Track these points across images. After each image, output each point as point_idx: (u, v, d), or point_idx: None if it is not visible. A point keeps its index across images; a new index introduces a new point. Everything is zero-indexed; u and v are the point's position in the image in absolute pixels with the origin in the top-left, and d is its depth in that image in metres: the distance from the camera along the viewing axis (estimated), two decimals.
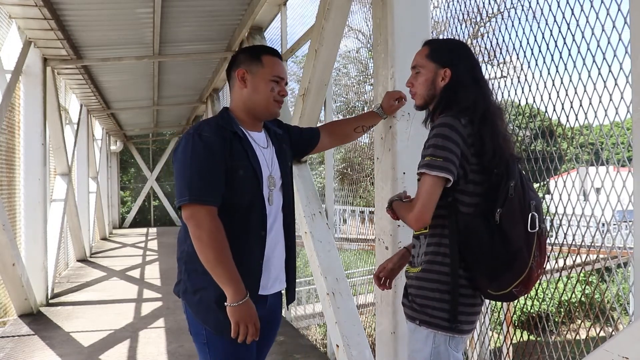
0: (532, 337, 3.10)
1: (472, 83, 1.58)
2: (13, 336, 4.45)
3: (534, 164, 2.37)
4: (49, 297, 5.84)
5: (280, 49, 4.83)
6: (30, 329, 4.67)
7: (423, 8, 2.26)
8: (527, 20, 2.29)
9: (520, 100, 2.38)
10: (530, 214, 1.46)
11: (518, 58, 2.36)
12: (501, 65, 2.47)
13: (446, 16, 2.88)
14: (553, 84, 2.13)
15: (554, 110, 2.14)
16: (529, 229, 1.46)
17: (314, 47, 3.21)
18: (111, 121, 12.08)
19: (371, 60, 8.19)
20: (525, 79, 2.30)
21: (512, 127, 2.69)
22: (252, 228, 1.67)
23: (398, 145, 2.21)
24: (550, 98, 2.15)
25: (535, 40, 2.23)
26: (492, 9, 2.56)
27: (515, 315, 3.90)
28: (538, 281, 1.62)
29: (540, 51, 2.20)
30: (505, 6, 2.46)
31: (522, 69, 2.33)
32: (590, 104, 1.95)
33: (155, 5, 4.68)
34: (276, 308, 1.84)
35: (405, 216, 1.57)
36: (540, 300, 2.71)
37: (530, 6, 2.28)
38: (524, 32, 2.30)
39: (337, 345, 3.13)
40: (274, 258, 1.74)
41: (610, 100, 1.85)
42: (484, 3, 2.57)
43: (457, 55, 1.62)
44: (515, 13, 2.35)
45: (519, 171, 1.53)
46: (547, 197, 2.30)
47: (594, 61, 1.91)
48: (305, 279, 7.62)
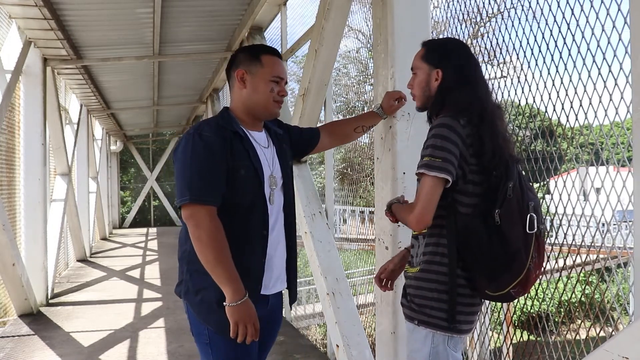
0: (532, 337, 3.10)
1: (463, 83, 1.57)
2: (13, 336, 4.45)
3: (534, 164, 2.36)
4: (49, 297, 5.84)
5: (280, 49, 4.83)
6: (30, 329, 4.67)
7: (423, 8, 2.27)
8: (527, 20, 2.29)
9: (520, 100, 2.38)
10: (529, 215, 1.46)
11: (518, 58, 2.36)
12: (501, 65, 2.47)
13: (446, 16, 2.88)
14: (553, 84, 2.12)
15: (554, 110, 2.14)
16: (527, 230, 1.46)
17: (314, 47, 3.21)
18: (111, 121, 12.08)
19: (371, 60, 8.18)
20: (525, 79, 2.30)
21: (512, 127, 2.68)
22: (253, 228, 1.67)
23: (398, 145, 2.21)
24: (550, 98, 2.15)
25: (535, 40, 2.23)
26: (492, 9, 2.55)
27: (515, 315, 3.89)
28: (536, 282, 1.62)
29: (540, 51, 2.20)
30: (505, 6, 2.46)
31: (522, 69, 2.33)
32: (590, 104, 1.95)
33: (155, 5, 4.68)
34: (277, 308, 1.84)
35: (406, 218, 1.56)
36: (540, 300, 2.70)
37: (530, 6, 2.28)
38: (524, 32, 2.30)
39: (337, 345, 3.13)
40: (276, 258, 1.74)
41: (610, 100, 1.85)
42: (484, 3, 2.57)
43: (448, 55, 1.62)
44: (515, 13, 2.35)
45: (518, 172, 1.53)
46: (547, 197, 2.30)
47: (594, 61, 1.91)
48: (305, 279, 7.61)
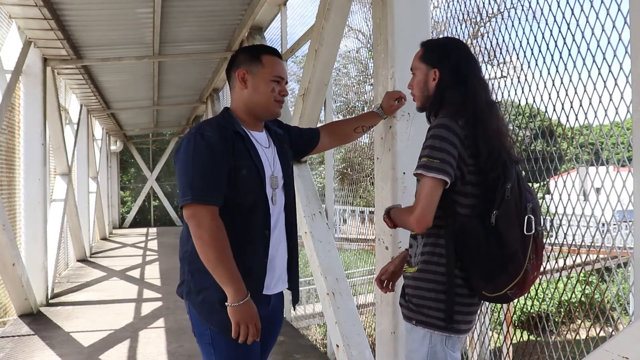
0: (532, 337, 3.10)
1: (459, 82, 1.57)
2: (13, 336, 4.45)
3: (534, 164, 2.36)
4: (49, 297, 5.84)
5: (280, 49, 4.83)
6: (30, 329, 4.67)
7: (423, 8, 2.27)
8: (527, 20, 2.29)
9: (520, 100, 2.38)
10: (527, 216, 1.46)
11: (518, 58, 2.36)
12: (501, 65, 2.47)
13: (446, 16, 2.88)
14: (553, 84, 2.12)
15: (554, 110, 2.14)
16: (524, 232, 1.46)
17: (314, 47, 3.21)
18: (111, 121, 12.08)
19: (371, 60, 8.19)
20: (525, 79, 2.30)
21: (512, 127, 2.68)
22: (255, 227, 1.67)
23: (398, 145, 2.21)
24: (550, 98, 2.15)
25: (535, 40, 2.23)
26: (492, 9, 2.55)
27: (515, 315, 3.89)
28: (534, 283, 1.62)
29: (540, 51, 2.19)
30: (505, 6, 2.46)
31: (522, 69, 2.33)
32: (590, 104, 1.95)
33: (155, 5, 4.68)
34: (278, 308, 1.84)
35: (406, 219, 1.55)
36: (540, 300, 2.70)
37: (530, 6, 2.28)
38: (524, 32, 2.30)
39: (337, 345, 3.13)
40: (278, 258, 1.74)
41: (610, 100, 1.85)
42: (484, 3, 2.57)
43: (445, 55, 1.61)
44: (515, 13, 2.35)
45: (516, 173, 1.52)
46: (547, 197, 2.30)
47: (594, 61, 1.91)
48: (305, 279, 7.61)
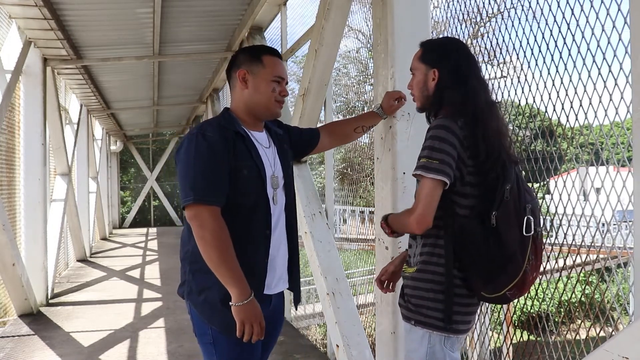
0: (532, 337, 3.10)
1: (459, 82, 1.56)
2: (13, 336, 4.45)
3: (534, 164, 2.36)
4: (49, 297, 5.84)
5: (280, 49, 4.83)
6: (30, 329, 4.67)
7: (423, 8, 2.27)
8: (527, 20, 2.29)
9: (520, 100, 2.38)
10: (526, 217, 1.46)
11: (518, 58, 2.36)
12: (501, 65, 2.47)
13: (446, 16, 2.88)
14: (553, 84, 2.12)
15: (554, 110, 2.14)
16: (524, 233, 1.46)
17: (314, 47, 3.21)
18: (111, 121, 12.08)
19: (371, 60, 8.19)
20: (525, 79, 2.30)
21: (512, 127, 2.68)
22: (256, 227, 1.67)
23: (398, 145, 2.21)
24: (550, 98, 2.15)
25: (535, 40, 2.22)
26: (492, 9, 2.55)
27: (515, 315, 3.90)
28: (534, 284, 1.62)
29: (540, 51, 2.19)
30: (505, 6, 2.46)
31: (522, 69, 2.33)
32: (590, 104, 1.95)
33: (155, 5, 4.68)
34: (279, 308, 1.84)
35: (406, 220, 1.54)
36: (540, 300, 2.70)
37: (530, 6, 2.28)
38: (524, 32, 2.30)
39: (337, 345, 3.13)
40: (279, 257, 1.75)
41: (610, 100, 1.85)
42: (484, 3, 2.57)
43: (444, 55, 1.61)
44: (515, 13, 2.35)
45: (515, 173, 1.52)
46: (547, 197, 2.30)
47: (594, 61, 1.91)
48: (305, 279, 7.61)
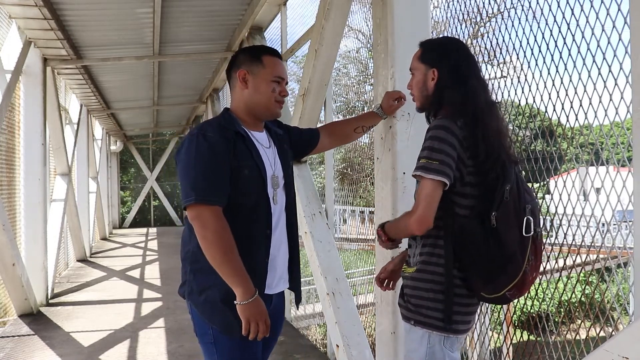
0: (532, 337, 3.10)
1: (459, 82, 1.56)
2: (13, 336, 4.45)
3: (534, 164, 2.36)
4: (49, 297, 5.84)
5: (280, 49, 4.83)
6: (30, 329, 4.67)
7: (423, 8, 2.27)
8: (527, 20, 2.29)
9: (520, 100, 2.38)
10: (526, 217, 1.46)
11: (518, 58, 2.36)
12: (501, 65, 2.47)
13: (446, 16, 2.88)
14: (553, 84, 2.12)
15: (554, 110, 2.14)
16: (524, 233, 1.46)
17: (314, 47, 3.21)
18: (111, 121, 12.08)
19: (371, 60, 8.19)
20: (525, 79, 2.30)
21: (512, 127, 2.68)
22: (257, 227, 1.68)
23: (398, 145, 2.21)
24: (550, 98, 2.15)
25: (535, 40, 2.22)
26: (492, 9, 2.55)
27: (515, 315, 3.90)
28: (533, 284, 1.62)
29: (540, 51, 2.19)
30: (505, 6, 2.46)
31: (522, 69, 2.33)
32: (590, 104, 1.95)
33: (155, 5, 4.68)
34: (280, 308, 1.85)
35: (406, 222, 1.53)
36: (540, 300, 2.70)
37: (530, 6, 2.28)
38: (524, 32, 2.30)
39: (337, 345, 3.13)
40: (279, 257, 1.75)
41: (610, 100, 1.85)
42: (484, 3, 2.57)
43: (444, 55, 1.61)
44: (515, 13, 2.35)
45: (515, 174, 1.52)
46: (547, 197, 2.30)
47: (594, 61, 1.91)
48: (305, 279, 7.62)
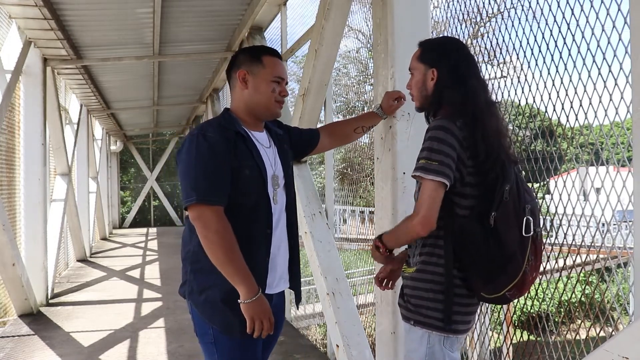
0: (532, 337, 3.10)
1: (458, 82, 1.56)
2: (13, 336, 4.45)
3: (534, 164, 2.36)
4: (49, 297, 5.84)
5: (280, 49, 4.83)
6: (30, 329, 4.67)
7: (423, 8, 2.27)
8: (527, 20, 2.29)
9: (520, 100, 2.38)
10: (525, 218, 1.46)
11: (518, 58, 2.36)
12: (501, 65, 2.47)
13: (446, 16, 2.88)
14: (553, 84, 2.12)
15: (554, 110, 2.14)
16: (523, 233, 1.46)
17: (314, 47, 3.21)
18: (111, 121, 12.08)
19: (371, 60, 8.19)
20: (525, 79, 2.30)
21: (512, 127, 2.68)
22: (257, 227, 1.68)
23: (398, 145, 2.21)
24: (550, 98, 2.15)
25: (535, 40, 2.23)
26: (492, 9, 2.55)
27: (515, 315, 3.90)
28: (533, 284, 1.62)
29: (540, 51, 2.19)
30: (505, 6, 2.46)
31: (522, 69, 2.33)
32: (590, 104, 1.95)
33: (155, 5, 4.68)
34: (280, 308, 1.85)
35: (408, 225, 1.52)
36: (540, 300, 2.71)
37: (530, 6, 2.28)
38: (524, 32, 2.30)
39: (337, 345, 3.13)
40: (279, 257, 1.75)
41: (610, 100, 1.85)
42: (484, 3, 2.57)
43: (444, 55, 1.61)
44: (515, 13, 2.35)
45: (515, 174, 1.52)
46: (547, 197, 2.30)
47: (594, 61, 1.91)
48: (305, 279, 7.62)
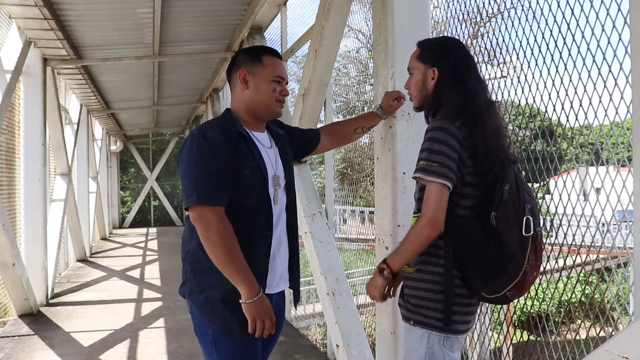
0: (532, 337, 3.10)
1: (458, 82, 1.56)
2: (13, 336, 4.45)
3: (534, 164, 2.37)
4: (49, 297, 5.84)
5: (280, 49, 4.83)
6: (30, 329, 4.67)
7: (423, 8, 2.27)
8: (527, 20, 2.29)
9: (520, 100, 2.38)
10: (525, 217, 1.46)
11: (518, 58, 2.36)
12: (501, 65, 2.47)
13: (446, 16, 2.88)
14: (553, 84, 2.12)
15: (554, 110, 2.14)
16: (523, 233, 1.46)
17: (314, 47, 3.21)
18: (111, 121, 12.08)
19: (371, 60, 8.19)
20: (525, 79, 2.30)
21: (512, 127, 2.68)
22: (258, 227, 1.68)
23: (398, 145, 2.21)
24: (550, 98, 2.15)
25: (535, 40, 2.23)
26: (492, 9, 2.56)
27: (515, 315, 3.90)
28: (534, 284, 1.61)
29: (540, 51, 2.20)
30: (505, 6, 2.46)
31: (522, 69, 2.33)
32: (590, 104, 1.95)
33: (155, 5, 4.68)
34: (280, 308, 1.85)
35: (417, 229, 1.50)
36: (540, 300, 2.71)
37: (530, 6, 2.28)
38: (524, 32, 2.30)
39: (337, 345, 3.13)
40: (279, 257, 1.76)
41: (610, 100, 1.85)
42: (484, 3, 2.57)
43: (444, 54, 1.61)
44: (515, 13, 2.35)
45: (514, 173, 1.52)
46: (547, 197, 2.30)
47: (594, 61, 1.91)
48: (305, 279, 7.62)
